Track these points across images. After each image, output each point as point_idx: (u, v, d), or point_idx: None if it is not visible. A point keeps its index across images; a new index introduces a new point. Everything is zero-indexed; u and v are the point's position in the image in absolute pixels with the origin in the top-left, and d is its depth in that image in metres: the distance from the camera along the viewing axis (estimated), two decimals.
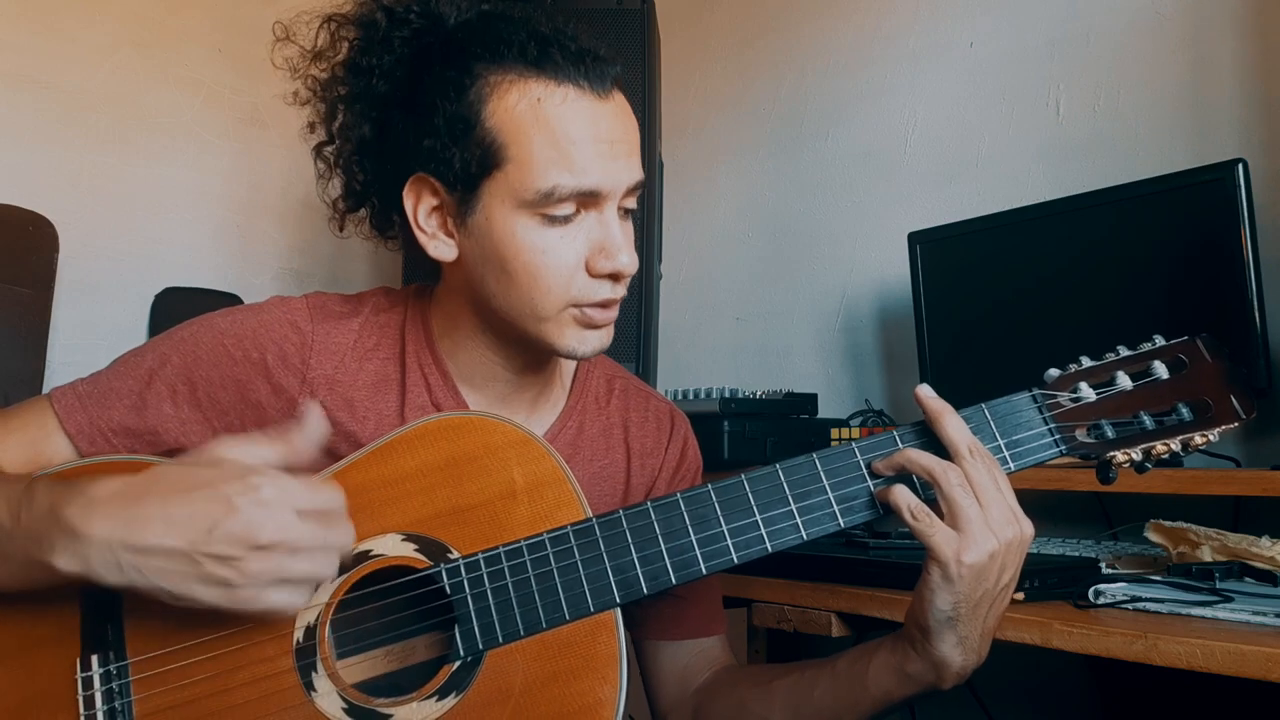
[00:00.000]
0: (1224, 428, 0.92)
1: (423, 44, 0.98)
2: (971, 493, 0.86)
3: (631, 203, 1.00)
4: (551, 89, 0.94)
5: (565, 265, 0.95)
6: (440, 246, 1.00)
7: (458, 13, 0.99)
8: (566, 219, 0.95)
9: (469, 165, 0.95)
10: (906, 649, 0.91)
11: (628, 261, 0.97)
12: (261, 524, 0.79)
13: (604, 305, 0.98)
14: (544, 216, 0.94)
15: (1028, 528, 0.88)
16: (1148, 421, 0.92)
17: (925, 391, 0.91)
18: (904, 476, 0.90)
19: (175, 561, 0.79)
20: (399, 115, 0.98)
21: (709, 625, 1.14)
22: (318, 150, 1.05)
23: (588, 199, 0.95)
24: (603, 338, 1.01)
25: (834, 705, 0.96)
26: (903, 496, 0.87)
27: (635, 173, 0.98)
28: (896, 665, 0.92)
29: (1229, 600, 1.07)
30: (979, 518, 0.85)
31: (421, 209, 0.99)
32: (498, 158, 0.94)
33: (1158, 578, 1.20)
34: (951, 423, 0.89)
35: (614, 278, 0.97)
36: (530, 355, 1.05)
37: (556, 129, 0.93)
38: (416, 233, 1.00)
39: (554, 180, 0.93)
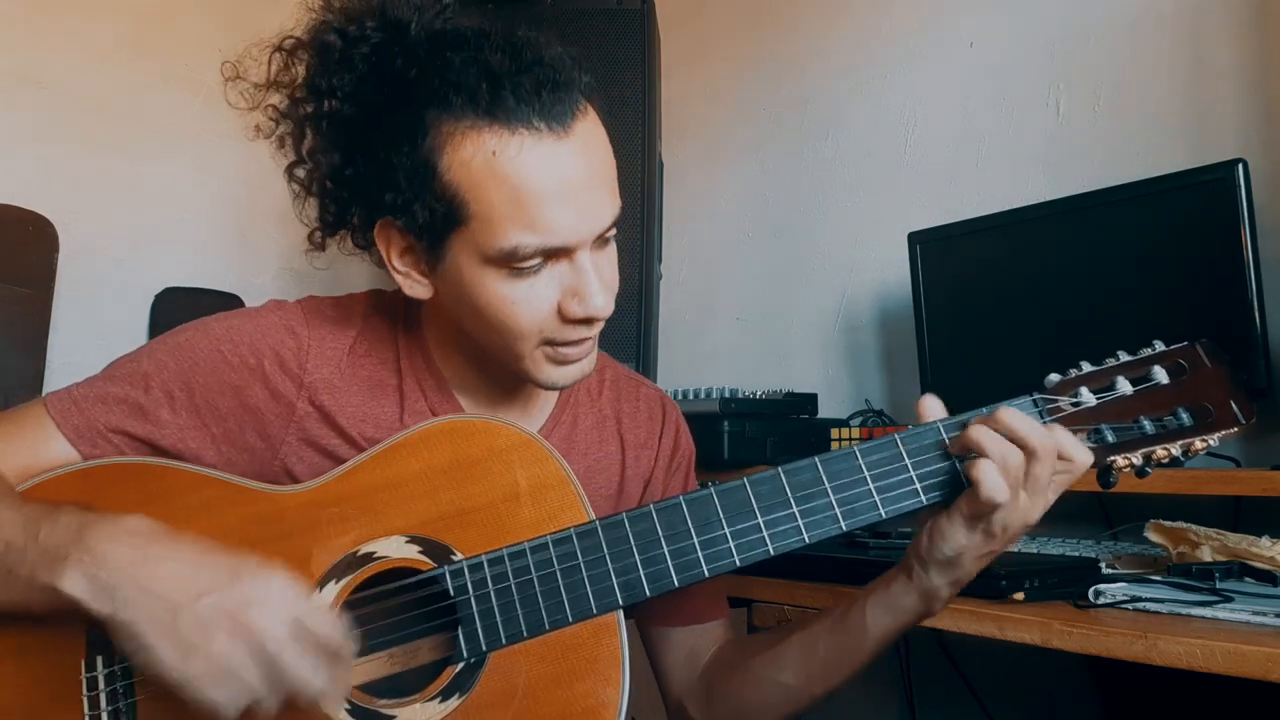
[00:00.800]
0: (1224, 433, 0.92)
1: (385, 58, 0.93)
2: (1022, 482, 0.89)
3: (609, 233, 0.97)
4: (505, 139, 0.89)
5: (537, 314, 0.94)
6: (416, 287, 0.99)
7: (419, 16, 0.94)
8: (536, 270, 0.93)
9: (433, 220, 0.92)
10: (903, 582, 0.96)
11: (601, 305, 0.94)
12: (249, 603, 0.79)
13: (579, 343, 0.98)
14: (511, 269, 0.92)
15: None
16: (1148, 426, 0.93)
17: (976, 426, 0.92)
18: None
19: (160, 609, 0.79)
20: (362, 160, 0.95)
21: (714, 610, 1.16)
22: (289, 172, 1.01)
23: (555, 253, 0.92)
24: (583, 368, 1.01)
25: (839, 655, 1.01)
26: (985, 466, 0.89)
27: (606, 215, 0.94)
28: (892, 602, 0.97)
29: (1229, 600, 1.07)
30: (1014, 503, 0.89)
31: (394, 251, 0.98)
32: (460, 215, 0.91)
33: (1158, 578, 1.20)
34: (1016, 416, 0.90)
35: (587, 322, 0.96)
36: (514, 375, 1.04)
37: (515, 184, 0.89)
38: (392, 273, 0.99)
39: (516, 240, 0.90)
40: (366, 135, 0.94)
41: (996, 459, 0.88)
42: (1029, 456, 0.88)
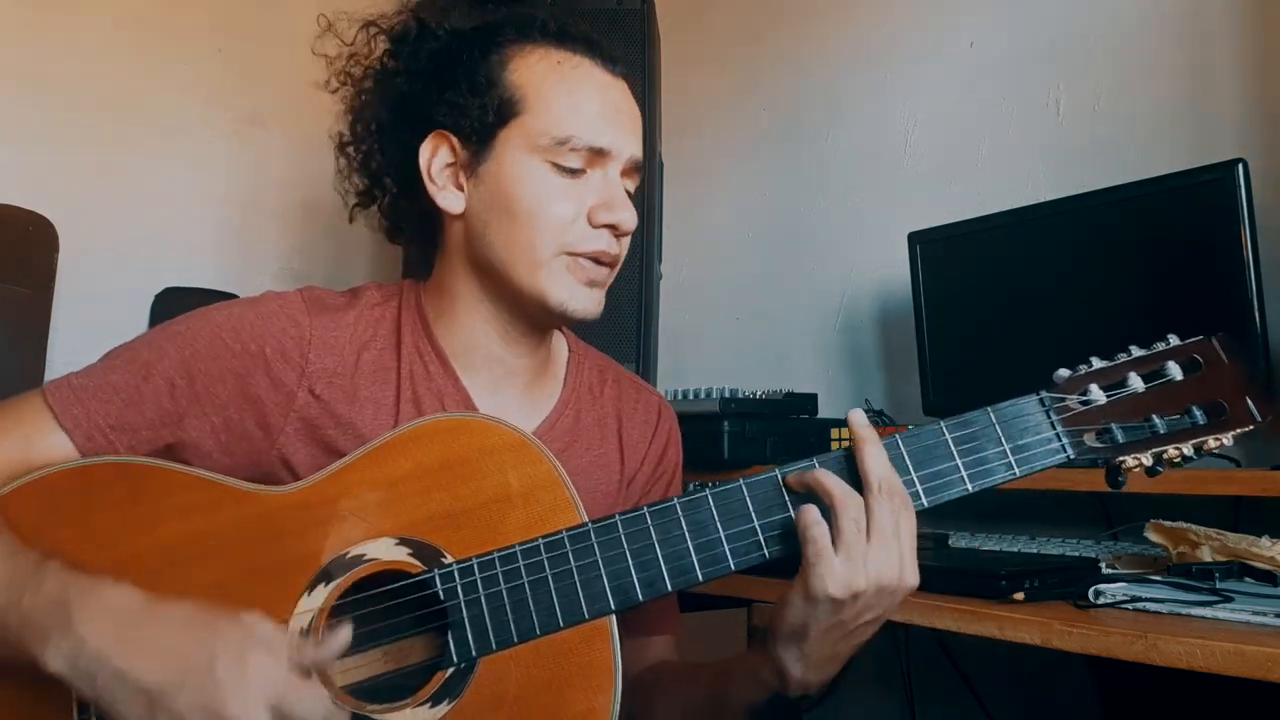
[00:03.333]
0: (1239, 431, 0.89)
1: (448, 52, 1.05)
2: (865, 529, 0.85)
3: (630, 184, 1.05)
4: (568, 56, 1.04)
5: (566, 211, 1.01)
6: (448, 197, 1.04)
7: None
8: (574, 173, 1.01)
9: (486, 114, 1.01)
10: (761, 651, 0.93)
11: (628, 217, 1.02)
12: (226, 703, 0.78)
13: (598, 259, 1.02)
14: (554, 165, 1.00)
15: (910, 579, 0.86)
16: (1159, 425, 0.90)
17: (857, 418, 0.90)
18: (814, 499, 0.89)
19: (137, 700, 0.79)
20: (420, 86, 1.04)
21: (666, 624, 1.17)
22: (341, 148, 1.10)
23: (596, 156, 1.01)
24: (595, 299, 1.03)
25: (707, 716, 1.02)
26: (809, 514, 0.86)
27: (637, 148, 1.05)
28: (752, 670, 0.95)
29: (1229, 600, 1.07)
30: (860, 555, 0.85)
31: (436, 163, 1.04)
32: (516, 107, 1.01)
33: (1158, 578, 1.20)
34: (870, 453, 0.87)
35: (613, 231, 1.02)
36: (525, 323, 1.06)
37: (572, 88, 1.02)
38: (427, 184, 1.04)
39: (570, 130, 1.00)
40: (430, 74, 1.04)
41: (822, 494, 0.86)
42: (865, 492, 0.85)
